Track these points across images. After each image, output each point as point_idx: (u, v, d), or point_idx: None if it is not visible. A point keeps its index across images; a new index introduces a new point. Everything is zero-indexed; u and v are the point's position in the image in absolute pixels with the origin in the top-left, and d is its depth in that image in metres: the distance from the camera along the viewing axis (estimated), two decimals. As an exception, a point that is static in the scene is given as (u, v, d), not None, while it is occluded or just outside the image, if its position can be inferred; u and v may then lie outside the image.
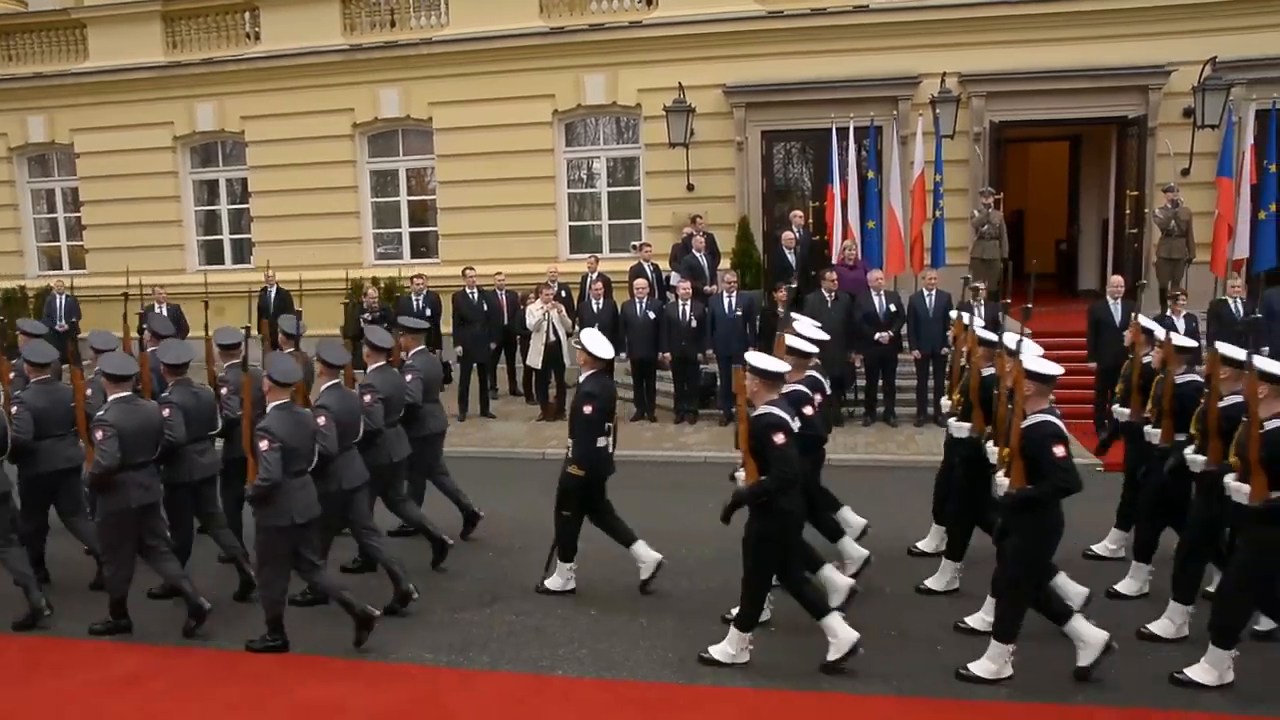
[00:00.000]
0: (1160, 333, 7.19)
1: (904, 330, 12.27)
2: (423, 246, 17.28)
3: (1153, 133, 14.58)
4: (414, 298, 13.95)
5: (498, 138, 16.01)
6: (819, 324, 7.94)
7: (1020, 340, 5.93)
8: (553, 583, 7.33)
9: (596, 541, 8.17)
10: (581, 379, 7.13)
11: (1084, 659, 5.74)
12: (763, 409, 5.73)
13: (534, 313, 12.93)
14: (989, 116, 14.98)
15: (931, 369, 12.21)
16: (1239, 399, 5.63)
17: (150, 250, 17.19)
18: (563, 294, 13.67)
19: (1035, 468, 5.44)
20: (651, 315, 12.65)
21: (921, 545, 8.00)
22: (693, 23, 15.30)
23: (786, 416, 5.73)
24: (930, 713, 5.56)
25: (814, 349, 6.93)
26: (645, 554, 7.32)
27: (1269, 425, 5.25)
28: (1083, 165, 17.83)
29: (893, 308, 12.20)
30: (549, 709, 5.74)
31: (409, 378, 8.08)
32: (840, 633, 5.89)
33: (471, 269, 14.03)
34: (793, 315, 8.39)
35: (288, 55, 16.63)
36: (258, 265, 16.59)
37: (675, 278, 13.50)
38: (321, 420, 6.56)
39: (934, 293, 12.19)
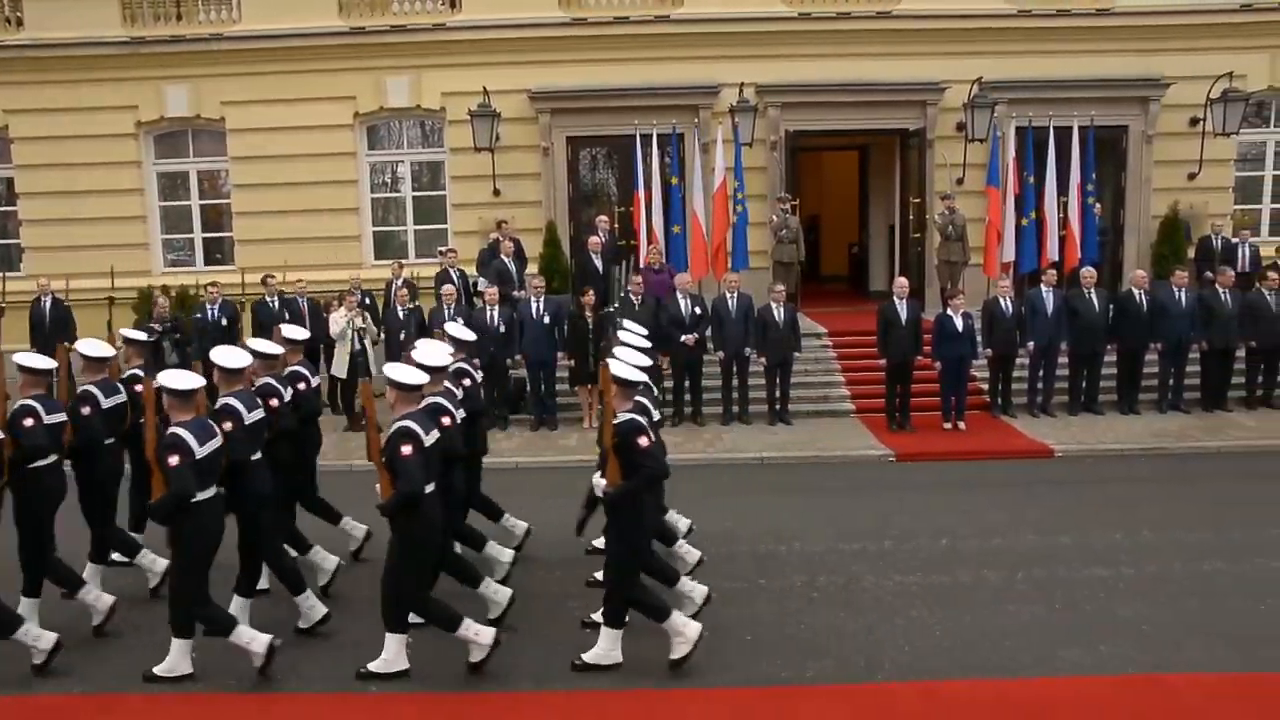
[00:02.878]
0: None
1: (709, 332, 12.65)
2: (218, 253, 16.45)
3: (931, 144, 15.66)
4: (209, 307, 13.29)
5: (296, 140, 15.44)
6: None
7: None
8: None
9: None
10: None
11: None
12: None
13: (337, 321, 12.59)
14: (784, 126, 15.66)
15: (735, 369, 12.66)
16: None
17: (-99, 256, 15.65)
18: (366, 301, 13.37)
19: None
20: (459, 321, 12.52)
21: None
22: (497, 26, 15.25)
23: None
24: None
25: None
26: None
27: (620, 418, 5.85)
28: (871, 174, 18.89)
29: (698, 310, 12.57)
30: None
31: None
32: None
33: (271, 276, 13.52)
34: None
35: (58, 45, 15.38)
36: (29, 274, 15.34)
37: (482, 283, 13.46)
38: None
39: (736, 295, 12.64)
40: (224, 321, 13.14)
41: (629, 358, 6.61)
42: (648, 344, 7.62)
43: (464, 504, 7.38)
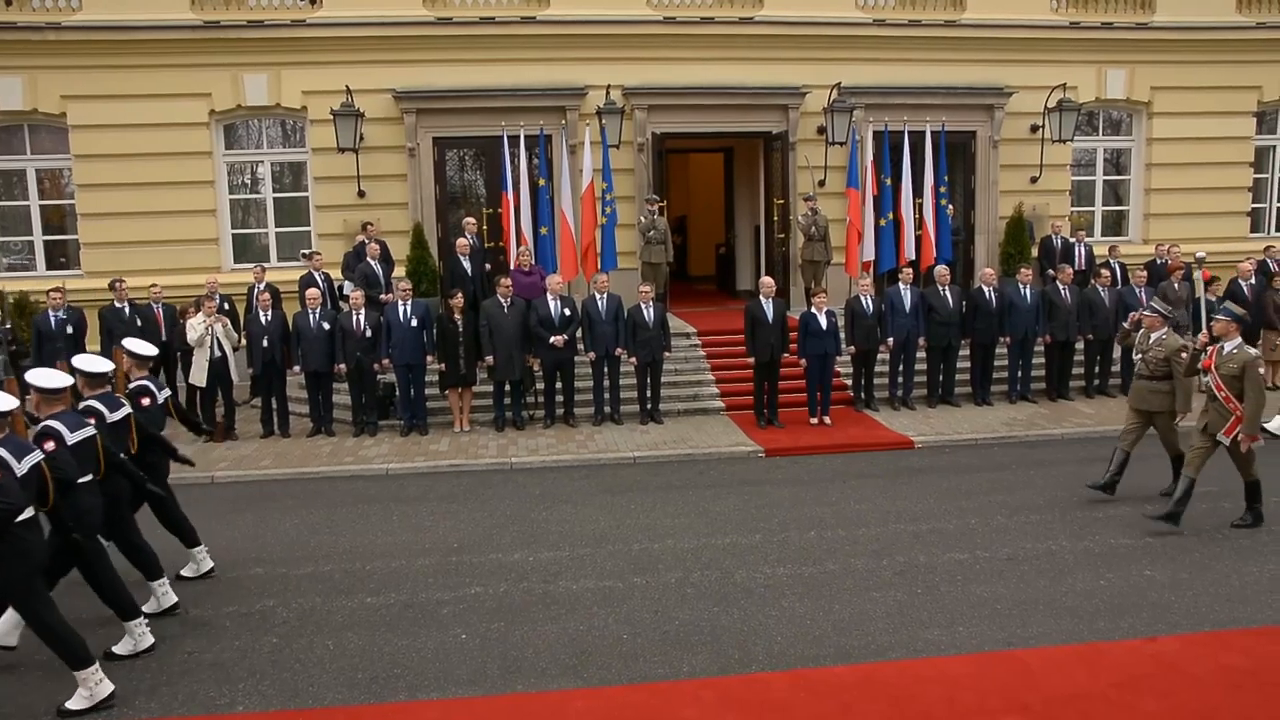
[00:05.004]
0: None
1: (579, 333, 12.68)
2: (61, 257, 15.57)
3: (794, 147, 16.11)
4: (51, 314, 12.59)
5: (147, 138, 14.77)
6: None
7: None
8: None
9: (271, 565, 7.92)
10: None
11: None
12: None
13: (195, 327, 12.12)
14: (651, 128, 15.84)
15: (607, 369, 12.74)
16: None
17: None
18: (225, 306, 12.92)
19: None
20: (325, 326, 12.25)
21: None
22: (359, 24, 14.94)
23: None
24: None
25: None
26: None
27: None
28: (736, 175, 19.31)
29: (567, 312, 12.59)
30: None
31: None
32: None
33: (121, 281, 12.90)
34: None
35: None
36: None
37: (348, 287, 13.18)
38: None
39: (606, 296, 12.71)
40: (69, 329, 12.48)
41: (85, 365, 6.57)
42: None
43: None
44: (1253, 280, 14.41)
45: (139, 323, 12.59)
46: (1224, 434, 8.23)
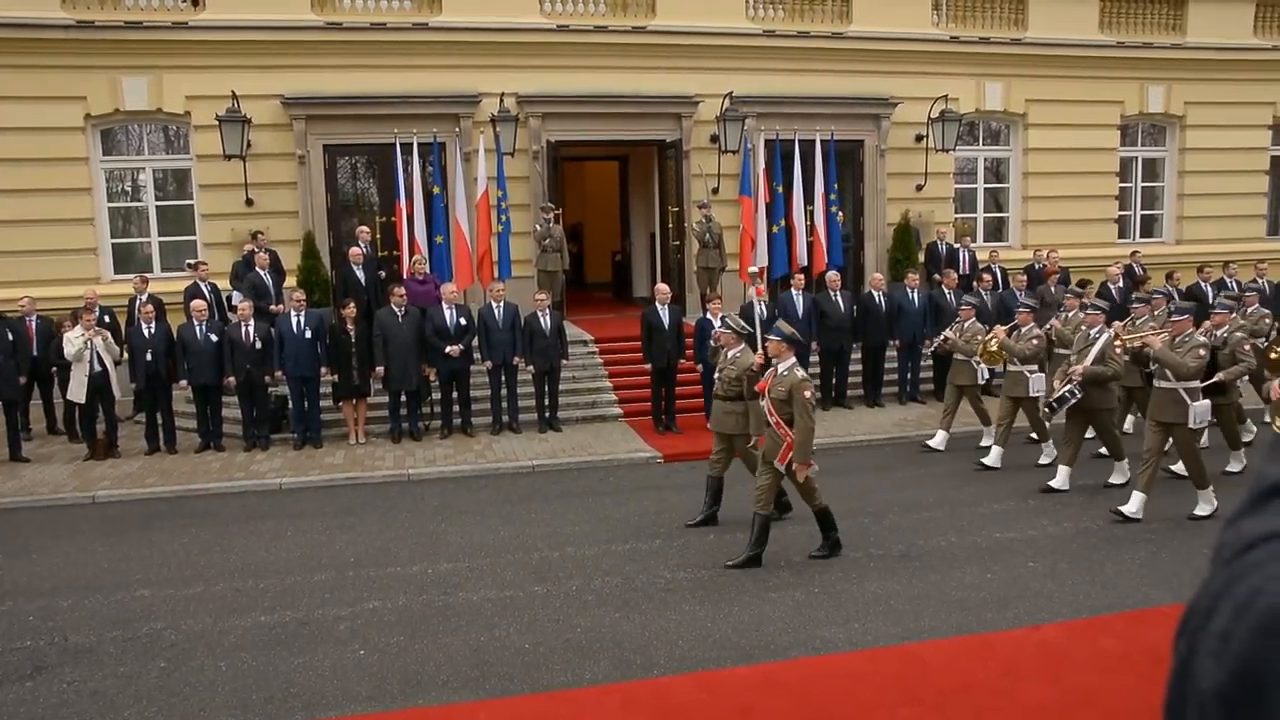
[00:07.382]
0: None
1: (475, 342, 12.58)
2: (-78, 268, 14.74)
3: (687, 155, 16.30)
4: (-87, 328, 11.89)
5: (16, 142, 14.06)
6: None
7: None
8: None
9: (159, 586, 7.69)
10: None
11: None
12: None
13: (73, 341, 11.60)
14: (546, 136, 15.82)
15: (504, 378, 12.67)
16: None
17: None
18: (106, 319, 12.41)
19: None
20: (213, 338, 11.89)
21: None
22: (245, 28, 14.52)
23: None
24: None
25: None
26: None
27: None
28: (631, 183, 19.44)
29: (463, 321, 12.48)
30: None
31: None
32: None
33: (-11, 293, 12.30)
34: None
35: None
36: None
37: (237, 297, 12.82)
38: None
39: (502, 304, 12.65)
40: (-67, 345, 11.81)
41: None
42: None
43: None
44: (1120, 284, 15.15)
45: (10, 336, 12.00)
46: (778, 461, 7.75)
